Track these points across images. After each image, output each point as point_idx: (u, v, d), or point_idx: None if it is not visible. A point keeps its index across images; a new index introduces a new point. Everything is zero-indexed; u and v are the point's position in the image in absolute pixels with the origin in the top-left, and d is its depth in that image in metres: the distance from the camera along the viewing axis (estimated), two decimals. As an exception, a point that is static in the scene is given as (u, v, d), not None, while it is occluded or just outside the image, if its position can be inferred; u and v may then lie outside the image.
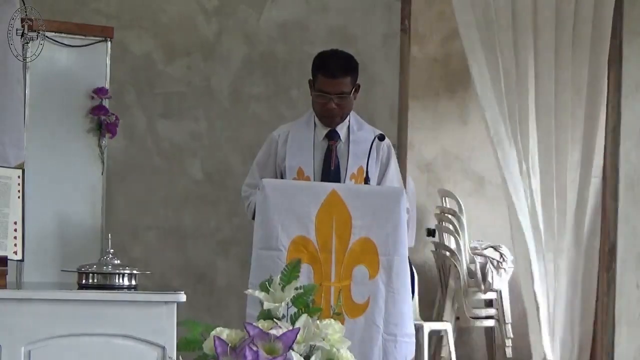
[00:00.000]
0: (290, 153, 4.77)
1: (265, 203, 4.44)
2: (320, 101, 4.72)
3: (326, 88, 4.69)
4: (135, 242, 5.55)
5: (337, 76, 4.69)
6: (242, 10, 5.76)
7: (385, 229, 4.53)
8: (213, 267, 5.67)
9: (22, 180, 4.18)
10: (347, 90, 4.71)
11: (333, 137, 4.80)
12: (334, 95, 4.69)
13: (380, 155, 4.82)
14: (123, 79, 5.48)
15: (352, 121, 4.84)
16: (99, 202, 4.81)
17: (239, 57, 5.75)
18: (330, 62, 4.74)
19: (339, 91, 4.70)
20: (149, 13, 5.65)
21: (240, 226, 5.42)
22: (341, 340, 2.86)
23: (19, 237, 4.07)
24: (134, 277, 4.04)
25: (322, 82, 4.70)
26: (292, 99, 5.72)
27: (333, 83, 4.69)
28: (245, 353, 2.69)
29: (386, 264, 4.51)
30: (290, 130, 4.84)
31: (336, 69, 4.71)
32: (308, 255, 4.42)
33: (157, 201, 5.64)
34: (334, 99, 4.70)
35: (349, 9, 5.86)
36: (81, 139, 4.80)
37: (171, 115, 5.68)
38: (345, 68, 4.73)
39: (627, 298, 5.76)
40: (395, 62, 5.85)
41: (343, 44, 5.26)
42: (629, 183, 5.78)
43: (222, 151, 5.71)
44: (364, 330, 4.47)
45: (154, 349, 3.83)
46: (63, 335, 3.76)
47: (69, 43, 4.79)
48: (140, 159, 5.63)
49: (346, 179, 4.73)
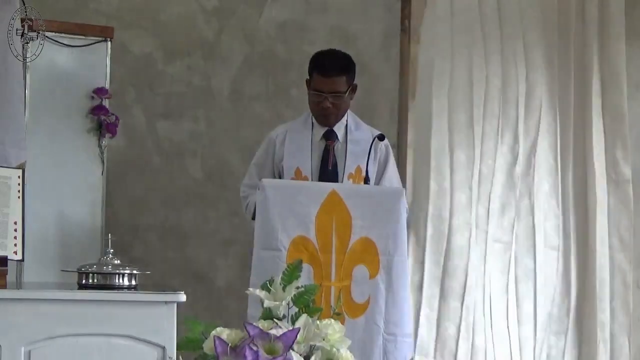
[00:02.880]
0: (288, 153, 4.77)
1: (265, 203, 4.44)
2: (315, 100, 4.73)
3: (321, 87, 4.70)
4: (135, 242, 5.55)
5: (332, 75, 4.69)
6: (242, 10, 5.76)
7: (385, 229, 4.53)
8: (213, 267, 5.67)
9: (22, 180, 4.18)
10: (342, 90, 4.71)
11: (330, 137, 4.81)
12: (328, 94, 4.70)
13: (379, 155, 4.82)
14: (123, 79, 5.48)
15: (350, 121, 4.84)
16: (99, 202, 4.81)
17: (239, 57, 5.75)
18: (325, 61, 4.75)
19: (333, 90, 4.70)
20: (149, 13, 5.65)
21: (240, 226, 5.42)
22: (341, 340, 2.86)
23: (19, 237, 4.07)
24: (134, 277, 4.05)
25: (317, 81, 4.71)
26: (292, 99, 5.71)
27: (328, 82, 4.69)
28: (245, 353, 2.69)
29: (386, 263, 4.52)
30: (288, 130, 4.84)
31: (331, 67, 4.71)
32: (308, 255, 4.42)
33: (157, 201, 5.64)
34: (328, 97, 4.70)
35: (349, 9, 5.86)
36: (81, 139, 4.81)
37: (171, 115, 5.67)
38: (341, 67, 4.73)
39: (627, 298, 5.74)
40: (395, 62, 5.85)
41: (343, 44, 5.27)
42: (629, 183, 5.77)
43: (222, 151, 5.70)
44: (364, 330, 4.47)
45: (154, 349, 3.83)
46: (63, 335, 3.76)
47: (69, 43, 4.79)
48: (140, 159, 5.62)
49: (344, 179, 4.74)
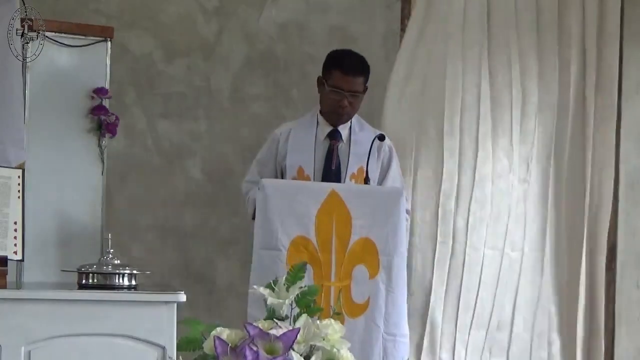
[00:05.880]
0: (291, 151, 4.78)
1: (265, 203, 4.44)
2: (333, 97, 4.73)
3: (342, 85, 4.71)
4: (135, 242, 5.55)
5: (355, 74, 4.72)
6: (242, 10, 5.75)
7: (385, 229, 4.54)
8: (213, 267, 5.67)
9: (22, 180, 4.19)
10: (360, 90, 4.75)
11: (335, 137, 4.81)
12: (347, 92, 4.71)
13: (382, 156, 4.83)
14: (123, 79, 5.48)
15: (354, 122, 4.85)
16: (99, 202, 4.81)
17: (239, 57, 5.75)
18: (348, 59, 4.78)
19: (353, 89, 4.72)
20: (149, 13, 5.65)
21: (240, 226, 5.42)
22: (341, 340, 2.86)
23: (19, 237, 4.07)
24: (134, 277, 4.05)
25: (338, 79, 4.71)
26: (292, 99, 5.71)
27: (350, 80, 4.71)
28: (245, 353, 2.69)
29: (386, 264, 4.52)
30: (293, 128, 4.85)
31: (354, 66, 4.75)
32: (308, 255, 4.43)
33: (157, 201, 5.63)
34: (347, 96, 4.72)
35: (349, 9, 5.86)
36: (81, 139, 4.80)
37: (171, 115, 5.67)
38: (362, 67, 4.78)
39: (627, 298, 5.75)
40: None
41: (343, 44, 5.26)
42: (629, 183, 5.77)
43: (222, 151, 5.70)
44: (364, 330, 4.47)
45: (154, 349, 3.83)
46: (63, 335, 3.77)
47: (69, 43, 4.78)
48: (140, 159, 5.62)
49: (346, 179, 4.74)
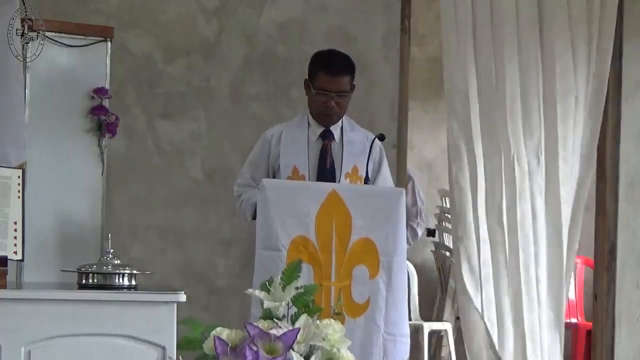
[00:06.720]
0: (285, 152, 4.78)
1: (266, 203, 4.44)
2: (320, 99, 4.73)
3: (327, 86, 4.71)
4: (135, 242, 5.55)
5: (339, 74, 4.72)
6: (242, 10, 5.75)
7: (385, 229, 4.53)
8: (213, 267, 5.67)
9: (22, 180, 4.19)
10: (346, 89, 4.74)
11: (327, 137, 4.81)
12: (334, 93, 4.71)
13: (374, 155, 4.83)
14: (123, 79, 5.48)
15: (345, 122, 4.86)
16: (99, 202, 4.81)
17: (239, 57, 5.75)
18: (331, 60, 4.77)
19: (339, 89, 4.72)
20: (149, 13, 5.65)
21: (240, 226, 5.41)
22: (341, 340, 2.86)
23: (19, 237, 4.07)
24: (134, 277, 4.05)
25: (323, 80, 4.71)
26: (292, 99, 5.71)
27: (335, 81, 4.71)
28: (245, 353, 2.69)
29: (386, 264, 4.52)
30: (283, 130, 4.86)
31: (338, 67, 4.74)
32: (308, 255, 4.43)
33: (157, 201, 5.63)
34: (334, 97, 4.71)
35: (348, 9, 5.86)
36: (81, 139, 4.80)
37: (171, 115, 5.67)
38: (346, 67, 4.76)
39: (627, 298, 5.75)
40: (395, 62, 5.84)
41: (343, 44, 5.27)
42: (629, 183, 5.77)
43: (222, 151, 5.70)
44: (364, 330, 4.47)
45: (154, 349, 3.83)
46: (63, 335, 3.76)
47: (69, 43, 4.78)
48: (140, 159, 5.62)
49: (341, 178, 4.74)
